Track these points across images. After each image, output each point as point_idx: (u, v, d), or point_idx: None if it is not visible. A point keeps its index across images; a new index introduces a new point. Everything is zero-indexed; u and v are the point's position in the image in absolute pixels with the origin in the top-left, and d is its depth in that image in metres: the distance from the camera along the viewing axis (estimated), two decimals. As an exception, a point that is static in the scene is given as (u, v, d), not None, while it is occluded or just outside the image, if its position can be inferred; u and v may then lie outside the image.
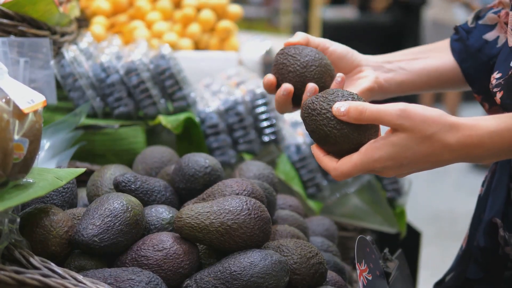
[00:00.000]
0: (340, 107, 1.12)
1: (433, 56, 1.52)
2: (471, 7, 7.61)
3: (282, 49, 1.38)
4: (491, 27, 1.47)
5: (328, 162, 1.17)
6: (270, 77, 1.37)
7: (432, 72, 1.49)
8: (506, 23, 1.45)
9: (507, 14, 1.45)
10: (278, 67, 1.36)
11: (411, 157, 1.10)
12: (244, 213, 1.24)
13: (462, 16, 7.71)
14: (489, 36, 1.47)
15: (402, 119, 1.08)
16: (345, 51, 1.43)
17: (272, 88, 1.38)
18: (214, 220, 1.23)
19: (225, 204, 1.25)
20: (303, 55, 1.34)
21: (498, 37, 1.46)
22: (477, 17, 1.51)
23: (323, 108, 1.15)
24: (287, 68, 1.35)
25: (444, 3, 7.74)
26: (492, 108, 1.49)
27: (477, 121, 1.10)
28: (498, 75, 1.33)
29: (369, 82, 1.40)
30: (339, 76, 1.37)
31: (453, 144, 1.09)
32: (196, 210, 1.24)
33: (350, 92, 1.17)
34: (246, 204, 1.25)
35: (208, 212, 1.24)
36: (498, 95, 1.31)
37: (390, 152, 1.10)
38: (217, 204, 1.25)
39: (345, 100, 1.15)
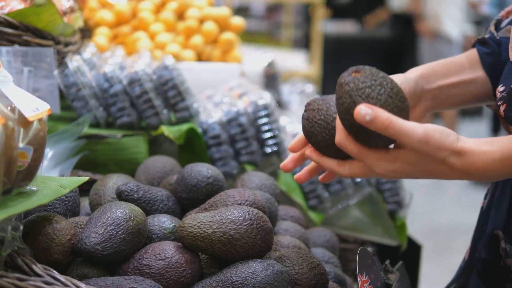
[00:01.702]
0: (366, 115, 1.05)
1: (468, 78, 1.46)
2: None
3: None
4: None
5: (331, 160, 1.20)
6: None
7: (468, 98, 1.48)
8: None
9: None
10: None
11: (417, 172, 1.12)
12: (246, 223, 1.24)
13: (452, 28, 7.74)
14: None
15: (421, 145, 1.07)
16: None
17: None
18: (216, 230, 1.23)
19: (227, 214, 1.25)
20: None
21: None
22: (497, 27, 1.50)
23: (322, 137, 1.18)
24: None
25: (435, 15, 7.77)
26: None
27: (480, 148, 1.10)
28: (502, 88, 1.34)
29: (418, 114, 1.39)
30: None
31: (458, 168, 1.10)
32: (199, 220, 1.25)
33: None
34: (248, 214, 1.25)
35: (210, 221, 1.24)
36: (502, 108, 1.32)
37: (397, 167, 1.11)
38: (220, 214, 1.26)
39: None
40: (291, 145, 1.32)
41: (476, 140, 1.12)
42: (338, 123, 1.14)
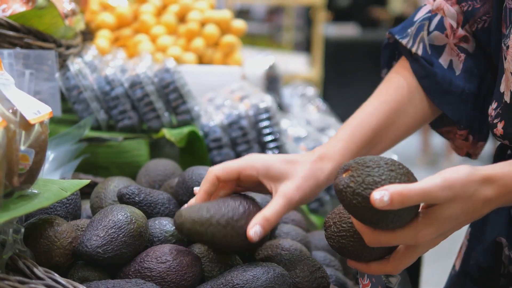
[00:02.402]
0: (383, 197, 0.99)
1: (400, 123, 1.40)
2: None
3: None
4: (440, 49, 1.41)
5: (376, 264, 1.15)
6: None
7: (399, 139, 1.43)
8: (456, 44, 1.40)
9: (453, 31, 1.39)
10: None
11: (455, 222, 1.07)
12: (242, 207, 1.22)
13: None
14: (443, 61, 1.40)
15: (446, 191, 1.02)
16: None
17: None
18: (214, 213, 1.20)
19: (223, 202, 1.24)
20: None
21: (451, 61, 1.40)
22: (428, 31, 1.42)
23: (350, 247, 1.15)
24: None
25: None
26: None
27: (509, 168, 1.07)
28: (495, 105, 1.31)
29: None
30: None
31: (492, 197, 1.06)
32: (196, 206, 1.22)
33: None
34: (245, 200, 1.25)
35: (207, 206, 1.22)
36: (500, 126, 1.28)
37: (439, 227, 1.06)
38: (216, 202, 1.24)
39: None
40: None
41: (495, 165, 1.09)
42: (358, 225, 1.10)
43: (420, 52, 1.40)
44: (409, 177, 1.06)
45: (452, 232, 1.10)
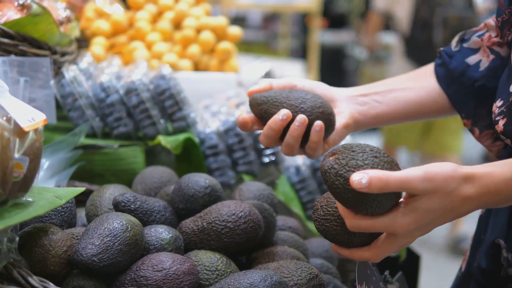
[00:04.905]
0: (362, 179, 1.04)
1: (411, 86, 1.50)
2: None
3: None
4: (474, 51, 1.48)
5: (358, 251, 1.17)
6: (246, 116, 1.37)
7: (409, 103, 1.49)
8: (489, 47, 1.46)
9: (490, 37, 1.46)
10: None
11: (433, 216, 1.09)
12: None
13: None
14: (471, 59, 1.47)
15: (426, 183, 1.05)
16: (314, 86, 1.41)
17: (247, 127, 1.40)
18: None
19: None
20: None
21: (480, 60, 1.47)
22: (462, 39, 1.51)
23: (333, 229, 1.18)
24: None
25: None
26: (483, 134, 1.49)
27: (492, 169, 1.10)
28: (500, 103, 1.33)
29: (345, 119, 1.40)
30: (317, 125, 1.31)
31: (472, 195, 1.08)
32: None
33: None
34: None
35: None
36: (501, 123, 1.30)
37: (416, 217, 1.08)
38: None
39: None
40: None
41: (479, 165, 1.11)
42: (341, 208, 1.13)
43: (447, 49, 1.53)
44: (392, 166, 1.09)
45: (431, 227, 1.12)
